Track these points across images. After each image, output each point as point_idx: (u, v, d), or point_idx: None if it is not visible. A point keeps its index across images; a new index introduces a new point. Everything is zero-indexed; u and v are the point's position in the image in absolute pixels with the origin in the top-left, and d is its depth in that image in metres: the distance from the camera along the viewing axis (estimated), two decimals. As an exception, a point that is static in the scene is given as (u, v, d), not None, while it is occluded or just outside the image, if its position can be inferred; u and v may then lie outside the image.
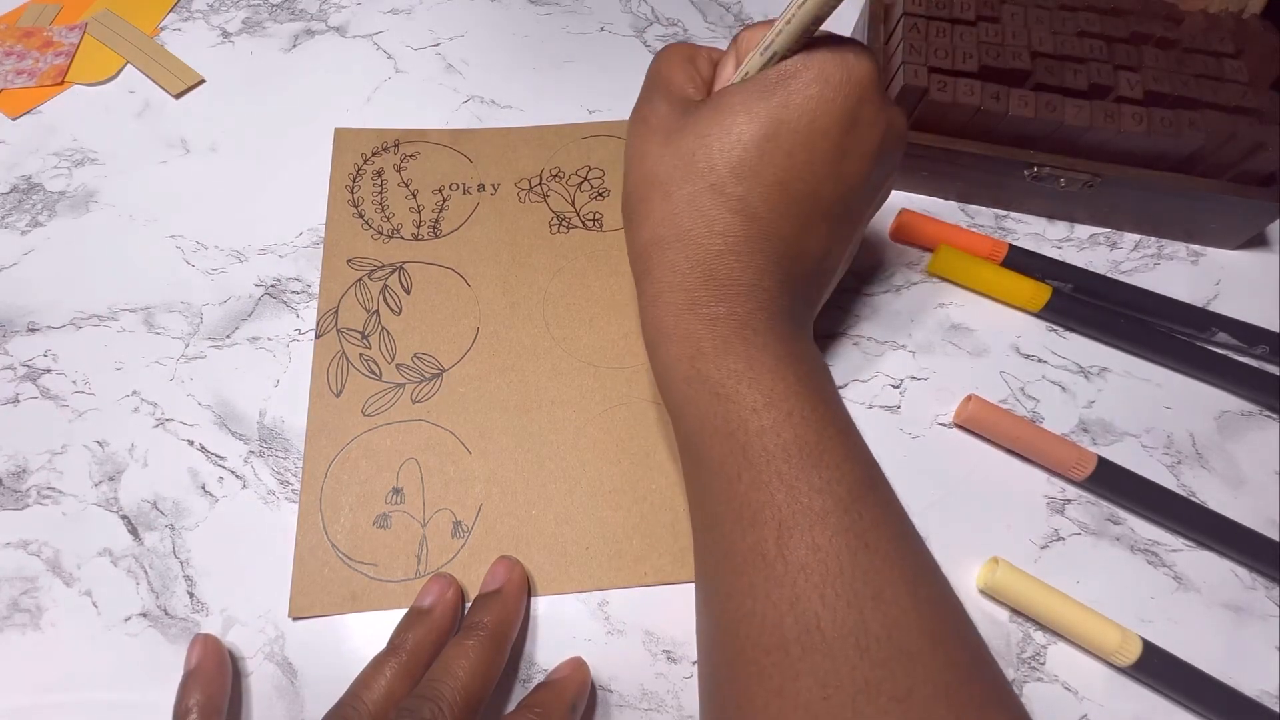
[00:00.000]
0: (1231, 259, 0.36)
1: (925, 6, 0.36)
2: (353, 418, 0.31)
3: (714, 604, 0.22)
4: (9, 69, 0.40)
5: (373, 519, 0.29)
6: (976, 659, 0.21)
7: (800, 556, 0.20)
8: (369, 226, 0.36)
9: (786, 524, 0.21)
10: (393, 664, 0.25)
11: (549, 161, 0.38)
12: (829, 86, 0.23)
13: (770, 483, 0.21)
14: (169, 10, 0.43)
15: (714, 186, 0.24)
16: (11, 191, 0.36)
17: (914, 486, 0.31)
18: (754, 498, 0.21)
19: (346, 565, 0.29)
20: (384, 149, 0.38)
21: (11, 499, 0.29)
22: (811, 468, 0.21)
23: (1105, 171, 0.34)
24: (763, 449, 0.21)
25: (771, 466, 0.21)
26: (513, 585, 0.27)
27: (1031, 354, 0.34)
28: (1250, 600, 0.29)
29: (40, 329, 0.33)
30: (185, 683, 0.25)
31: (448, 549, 0.29)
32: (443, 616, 0.26)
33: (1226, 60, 0.35)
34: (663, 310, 0.24)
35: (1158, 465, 0.31)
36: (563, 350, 0.33)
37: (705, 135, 0.24)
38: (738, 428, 0.22)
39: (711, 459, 0.23)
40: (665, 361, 0.24)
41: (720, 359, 0.23)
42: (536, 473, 0.30)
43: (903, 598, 0.20)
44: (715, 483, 0.22)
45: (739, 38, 0.27)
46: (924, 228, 0.36)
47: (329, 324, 0.33)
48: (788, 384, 0.22)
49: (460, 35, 0.42)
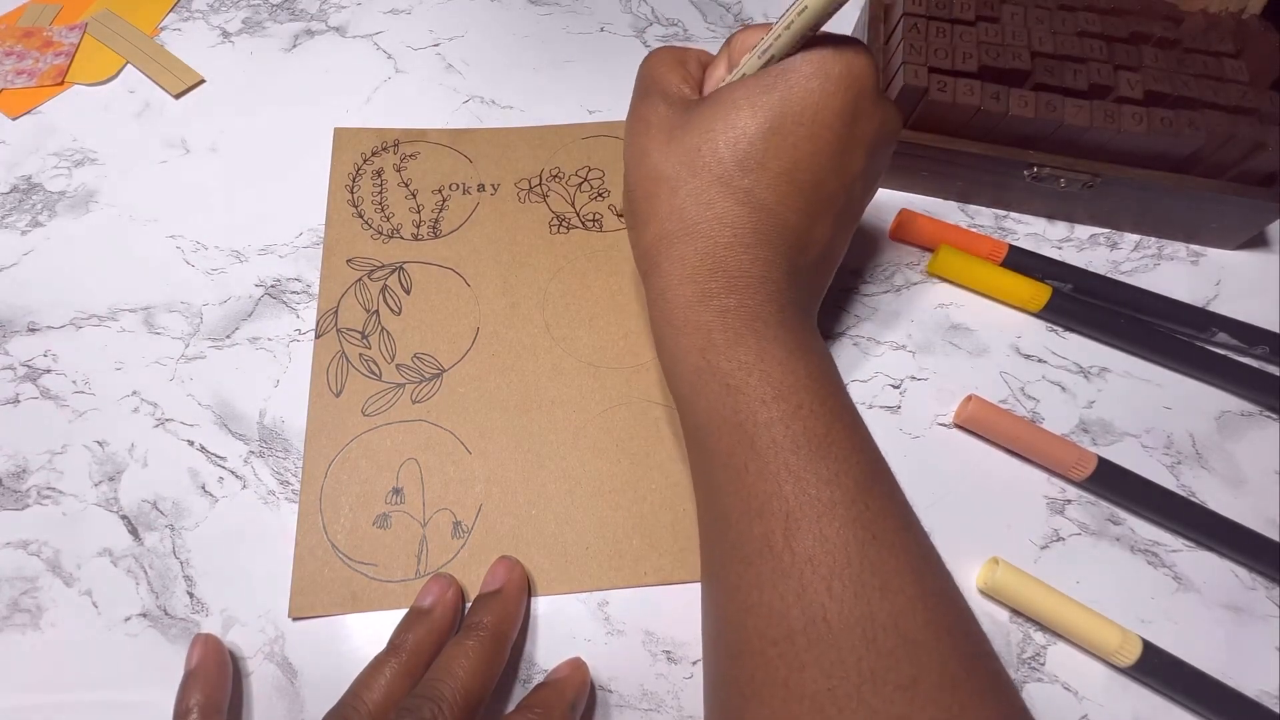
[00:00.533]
0: (1231, 259, 0.36)
1: (925, 6, 0.36)
2: (353, 418, 0.31)
3: (720, 596, 0.22)
4: (9, 69, 0.40)
5: (373, 519, 0.29)
6: (979, 650, 0.21)
7: (808, 548, 0.20)
8: (369, 226, 0.36)
9: (794, 515, 0.21)
10: (392, 664, 0.25)
11: (549, 162, 0.38)
12: (829, 80, 0.24)
13: (778, 474, 0.21)
14: (169, 10, 0.43)
15: (720, 179, 0.24)
16: (11, 191, 0.36)
17: (914, 486, 0.30)
18: (761, 489, 0.21)
19: (346, 565, 0.29)
20: (384, 149, 0.38)
21: (11, 499, 0.29)
22: (820, 460, 0.21)
23: (1105, 171, 0.34)
24: (771, 441, 0.22)
25: (780, 458, 0.21)
26: (513, 585, 0.27)
27: (1031, 354, 0.34)
28: (1250, 600, 0.29)
29: (40, 329, 0.33)
30: (186, 683, 0.25)
31: (448, 549, 0.29)
32: (443, 617, 0.27)
33: (1226, 60, 0.35)
34: (672, 303, 0.24)
35: (1158, 465, 0.31)
36: (562, 350, 0.33)
37: (709, 130, 0.24)
38: (746, 419, 0.22)
39: (720, 450, 0.23)
40: (675, 354, 0.24)
41: (731, 350, 0.23)
42: (536, 473, 0.30)
43: (909, 588, 0.20)
44: (723, 474, 0.23)
45: (733, 39, 0.27)
46: (924, 228, 0.36)
47: (329, 324, 0.33)
48: (797, 377, 0.23)
49: (460, 35, 0.42)
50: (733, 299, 0.24)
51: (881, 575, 0.20)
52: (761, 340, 0.23)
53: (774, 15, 0.44)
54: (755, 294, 0.24)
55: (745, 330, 0.23)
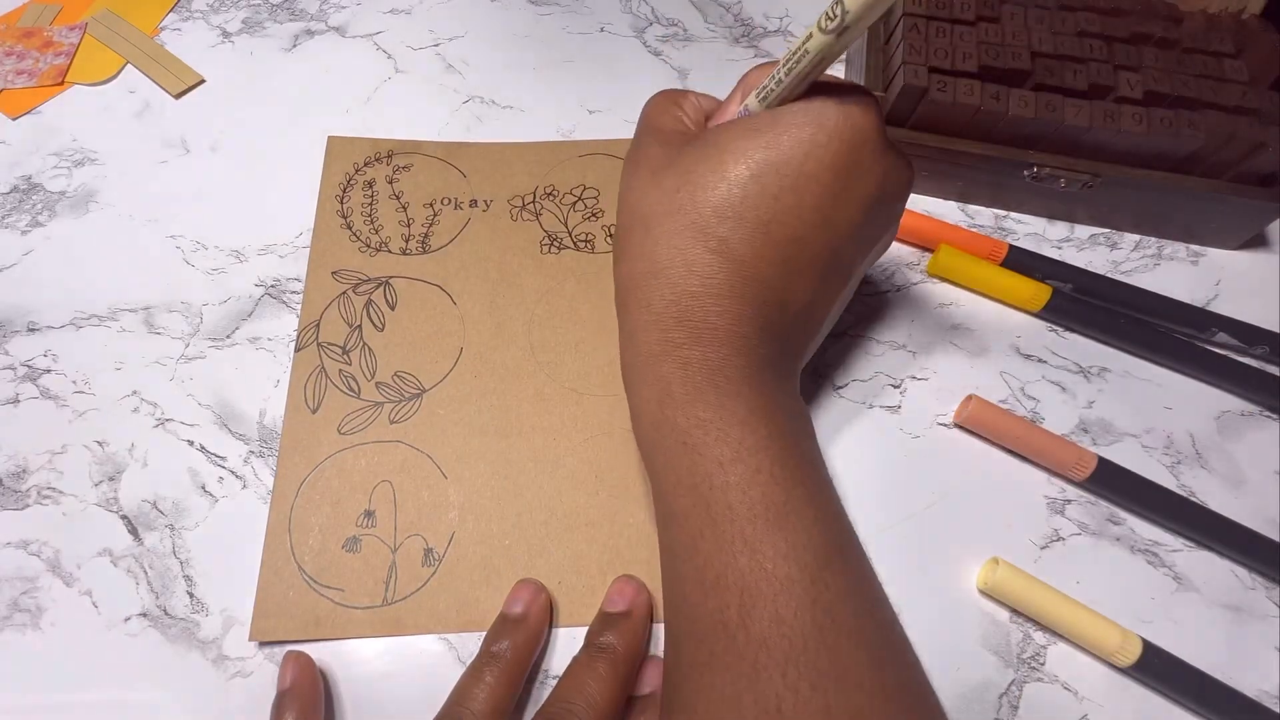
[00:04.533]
0: (1231, 259, 0.36)
1: (925, 6, 0.36)
2: (328, 435, 0.30)
3: (677, 674, 0.21)
4: (9, 69, 0.40)
5: (342, 542, 0.29)
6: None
7: (762, 630, 0.19)
8: (356, 238, 0.35)
9: (749, 592, 0.20)
10: (492, 671, 0.24)
11: (544, 179, 0.37)
12: (822, 131, 0.22)
13: (733, 544, 0.20)
14: (169, 10, 0.43)
15: (695, 224, 0.23)
16: (11, 191, 0.36)
17: (914, 486, 0.31)
18: (717, 560, 0.20)
19: (312, 589, 0.28)
20: (377, 159, 0.37)
21: (11, 499, 0.29)
22: (777, 531, 0.20)
23: (1105, 171, 0.34)
24: (727, 507, 0.20)
25: (735, 527, 0.20)
26: (641, 608, 0.26)
27: (1031, 354, 0.34)
28: (1250, 600, 0.29)
29: (40, 329, 0.33)
30: (280, 702, 0.25)
31: (417, 577, 0.28)
32: (538, 623, 0.26)
33: (1226, 60, 0.35)
34: (637, 350, 0.23)
35: (1158, 465, 0.31)
36: (546, 375, 0.32)
37: (690, 172, 0.23)
38: (702, 481, 0.21)
39: (676, 513, 0.22)
40: (636, 405, 0.23)
41: (689, 406, 0.22)
42: (513, 501, 0.30)
43: (867, 681, 0.19)
44: (680, 539, 0.21)
45: (745, 77, 0.26)
46: (924, 228, 0.36)
47: (310, 337, 0.32)
48: (758, 438, 0.21)
49: (460, 35, 0.42)
50: (695, 351, 0.22)
51: (840, 664, 0.19)
52: (722, 396, 0.22)
53: (772, 15, 0.44)
54: (721, 348, 0.22)
55: (706, 385, 0.22)
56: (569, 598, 0.28)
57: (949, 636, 0.28)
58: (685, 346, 0.23)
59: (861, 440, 0.31)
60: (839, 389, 0.33)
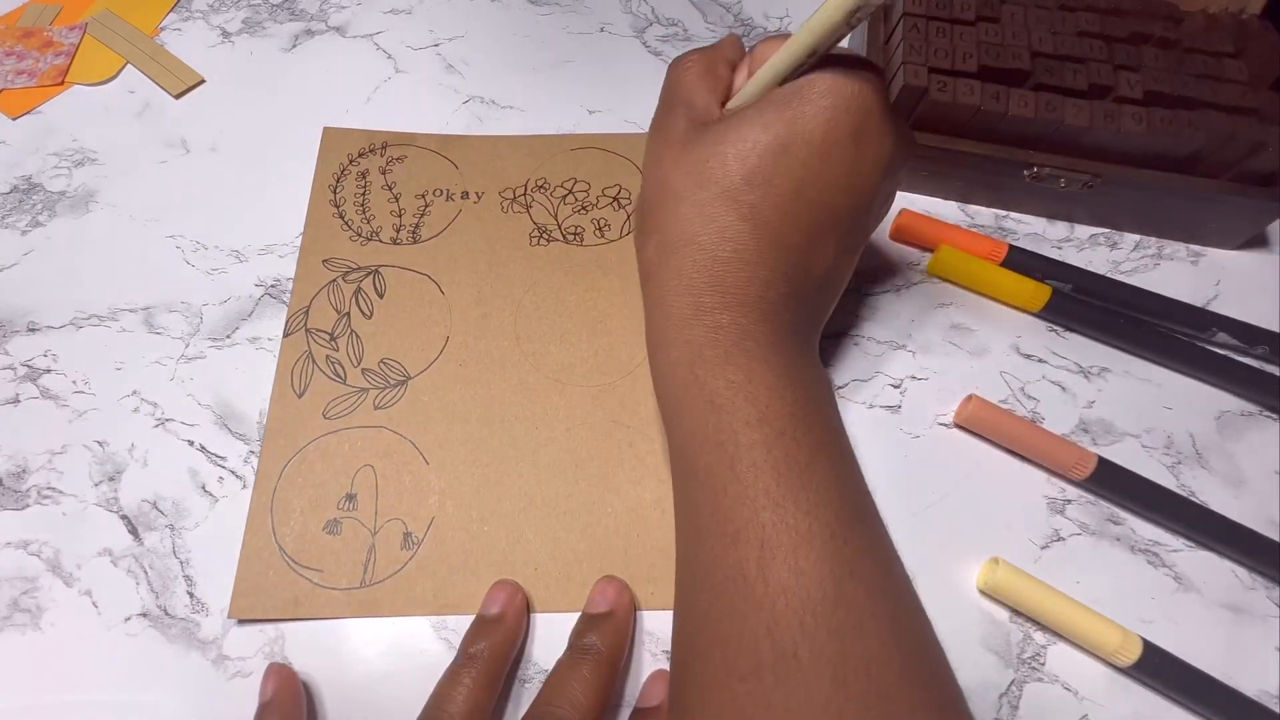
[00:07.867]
0: (1231, 259, 0.36)
1: (925, 6, 0.36)
2: (313, 420, 0.31)
3: (690, 624, 0.22)
4: (9, 69, 0.40)
5: (323, 524, 0.29)
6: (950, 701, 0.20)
7: (782, 579, 0.20)
8: (348, 227, 0.35)
9: (770, 544, 0.20)
10: (470, 673, 0.24)
11: (535, 172, 0.37)
12: (841, 99, 0.23)
13: (756, 499, 0.21)
14: (169, 10, 0.43)
15: (726, 193, 0.24)
16: (11, 191, 0.36)
17: (914, 486, 0.31)
18: (739, 513, 0.21)
19: (291, 569, 0.28)
20: (371, 150, 0.38)
21: (11, 499, 0.29)
22: (800, 489, 0.21)
23: (1105, 172, 0.34)
24: (752, 464, 0.21)
25: (759, 483, 0.21)
26: (623, 609, 0.27)
27: (1031, 354, 0.34)
28: (1250, 600, 0.29)
29: (40, 329, 0.33)
30: (260, 714, 0.25)
31: (395, 560, 0.28)
32: (515, 623, 0.26)
33: (1226, 60, 0.35)
34: (666, 314, 0.24)
35: (1158, 465, 0.31)
36: (531, 364, 0.32)
37: (719, 143, 0.24)
38: (728, 439, 0.22)
39: (700, 469, 0.22)
40: (664, 367, 0.24)
41: (720, 368, 0.23)
42: (493, 488, 0.30)
43: (884, 632, 0.19)
44: (702, 494, 0.22)
45: (755, 50, 0.27)
46: (924, 228, 0.36)
47: (298, 323, 0.33)
48: (784, 402, 0.22)
49: (460, 35, 0.42)
50: (726, 315, 0.23)
51: (856, 615, 0.19)
52: (752, 360, 0.23)
53: (772, 15, 0.44)
54: (750, 313, 0.23)
55: (735, 349, 0.23)
56: (545, 585, 0.28)
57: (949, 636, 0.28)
58: (717, 311, 0.23)
59: (861, 440, 0.31)
60: (839, 389, 0.33)
